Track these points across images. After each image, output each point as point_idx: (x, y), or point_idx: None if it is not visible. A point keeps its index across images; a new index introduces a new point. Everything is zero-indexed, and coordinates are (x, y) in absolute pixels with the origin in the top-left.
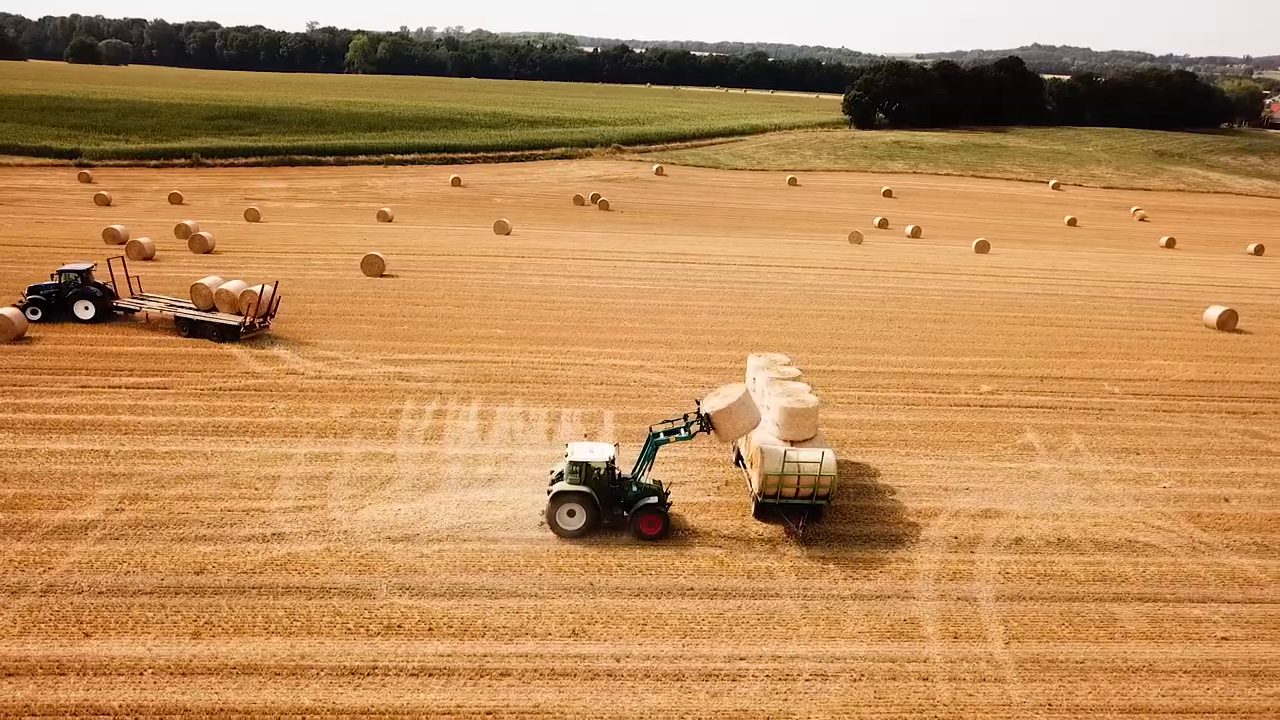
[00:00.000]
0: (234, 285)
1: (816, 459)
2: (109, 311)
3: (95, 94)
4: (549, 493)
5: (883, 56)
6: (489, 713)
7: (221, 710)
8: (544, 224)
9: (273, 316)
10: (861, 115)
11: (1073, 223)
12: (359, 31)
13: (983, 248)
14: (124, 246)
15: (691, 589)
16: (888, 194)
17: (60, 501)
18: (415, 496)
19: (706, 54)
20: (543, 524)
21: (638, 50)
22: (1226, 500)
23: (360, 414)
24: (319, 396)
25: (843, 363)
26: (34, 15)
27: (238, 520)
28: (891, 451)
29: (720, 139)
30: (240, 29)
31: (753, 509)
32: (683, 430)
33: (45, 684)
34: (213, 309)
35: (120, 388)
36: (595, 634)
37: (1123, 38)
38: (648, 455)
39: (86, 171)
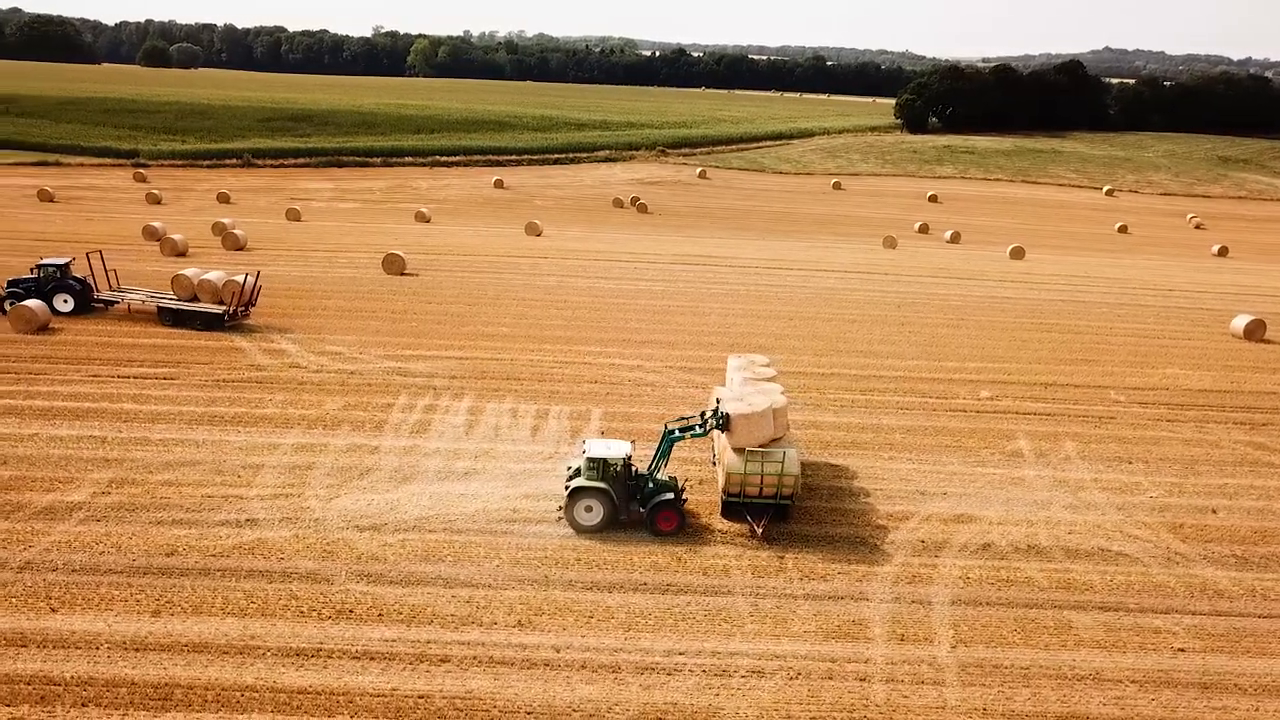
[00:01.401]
0: (214, 276)
1: (779, 459)
2: (89, 304)
3: (157, 96)
4: (566, 489)
5: (946, 60)
6: (422, 696)
7: (166, 685)
8: (577, 226)
9: (253, 305)
10: (914, 119)
11: (1123, 229)
12: (420, 35)
13: (1017, 253)
14: (159, 243)
15: (644, 584)
16: (933, 199)
17: (51, 484)
18: (391, 488)
19: (764, 58)
20: (560, 519)
21: (695, 54)
22: (1214, 511)
23: (353, 407)
24: (316, 389)
25: (844, 366)
26: (110, 20)
27: (215, 506)
28: (874, 455)
29: (767, 143)
30: (305, 33)
31: (720, 507)
32: (697, 427)
33: (5, 655)
34: (194, 299)
35: (129, 377)
36: (540, 625)
37: (1200, 41)
38: (663, 452)
39: (142, 171)
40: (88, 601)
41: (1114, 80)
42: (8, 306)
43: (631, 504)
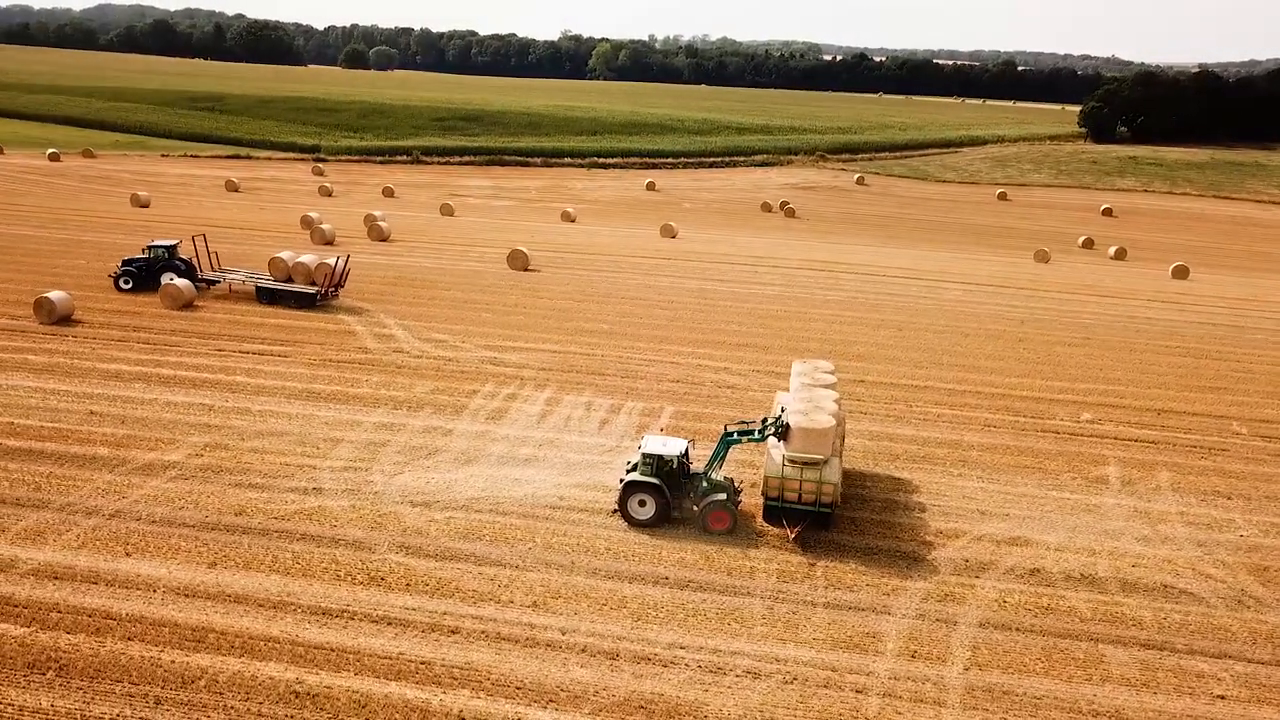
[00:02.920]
0: (308, 258)
1: (818, 466)
2: (193, 283)
3: (345, 96)
4: (621, 481)
5: (1157, 66)
6: (423, 662)
7: (202, 628)
8: (716, 229)
9: (342, 287)
10: (1099, 128)
11: None
12: (603, 39)
13: (1180, 273)
14: (310, 231)
15: (666, 578)
16: (1107, 213)
17: (155, 444)
18: (452, 468)
19: (951, 63)
20: (615, 512)
21: (878, 59)
22: None
23: (439, 392)
24: (412, 373)
25: (940, 379)
26: (320, 25)
27: (290, 474)
28: (943, 470)
29: (934, 150)
30: (495, 37)
31: (762, 510)
32: (756, 432)
33: (78, 589)
34: (288, 280)
35: (248, 353)
36: (554, 607)
37: None
38: (719, 453)
39: (320, 165)
40: (157, 549)
41: None
42: (123, 284)
43: (685, 501)
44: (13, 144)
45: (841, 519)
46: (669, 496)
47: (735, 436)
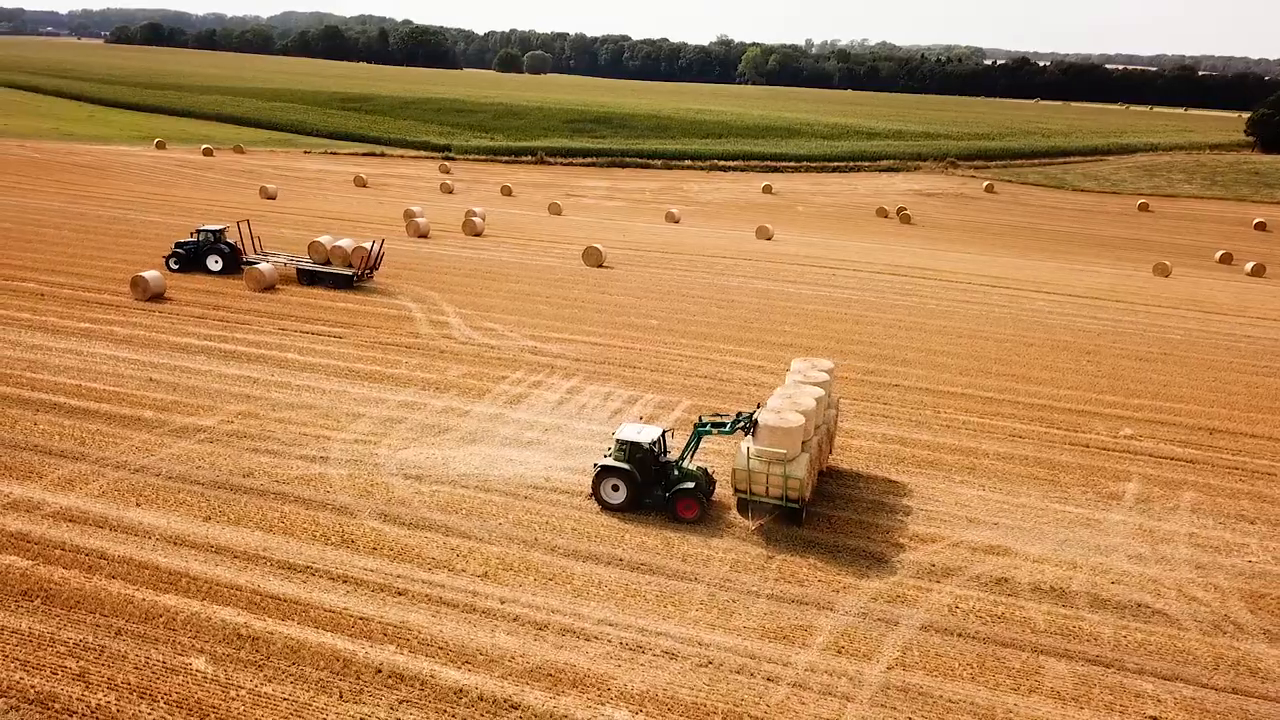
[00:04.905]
0: (345, 242)
1: (783, 461)
2: (238, 265)
3: (482, 97)
4: (595, 466)
5: None
6: (362, 618)
7: (179, 573)
8: (820, 233)
9: (377, 269)
10: (1269, 136)
11: None
12: (753, 44)
13: None
14: (406, 224)
15: (620, 559)
16: (1259, 227)
17: (194, 409)
18: (455, 446)
19: (1119, 68)
20: (589, 495)
21: (1041, 63)
22: None
23: (470, 376)
24: (451, 358)
25: (981, 387)
26: (481, 30)
27: (304, 442)
28: (945, 476)
29: (1076, 158)
30: (646, 41)
31: (735, 503)
32: (727, 426)
33: (85, 531)
34: (327, 263)
35: (308, 333)
36: (500, 579)
37: None
38: (692, 443)
39: (447, 164)
40: (164, 502)
41: None
42: (172, 265)
43: (655, 488)
44: (177, 140)
45: (819, 516)
46: (640, 482)
47: (709, 429)
